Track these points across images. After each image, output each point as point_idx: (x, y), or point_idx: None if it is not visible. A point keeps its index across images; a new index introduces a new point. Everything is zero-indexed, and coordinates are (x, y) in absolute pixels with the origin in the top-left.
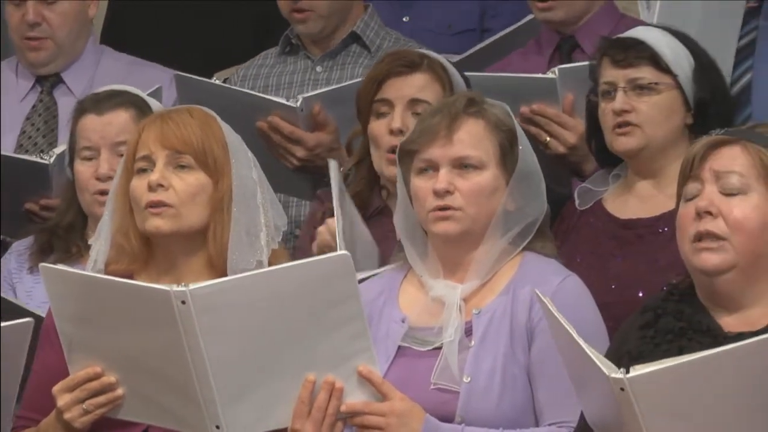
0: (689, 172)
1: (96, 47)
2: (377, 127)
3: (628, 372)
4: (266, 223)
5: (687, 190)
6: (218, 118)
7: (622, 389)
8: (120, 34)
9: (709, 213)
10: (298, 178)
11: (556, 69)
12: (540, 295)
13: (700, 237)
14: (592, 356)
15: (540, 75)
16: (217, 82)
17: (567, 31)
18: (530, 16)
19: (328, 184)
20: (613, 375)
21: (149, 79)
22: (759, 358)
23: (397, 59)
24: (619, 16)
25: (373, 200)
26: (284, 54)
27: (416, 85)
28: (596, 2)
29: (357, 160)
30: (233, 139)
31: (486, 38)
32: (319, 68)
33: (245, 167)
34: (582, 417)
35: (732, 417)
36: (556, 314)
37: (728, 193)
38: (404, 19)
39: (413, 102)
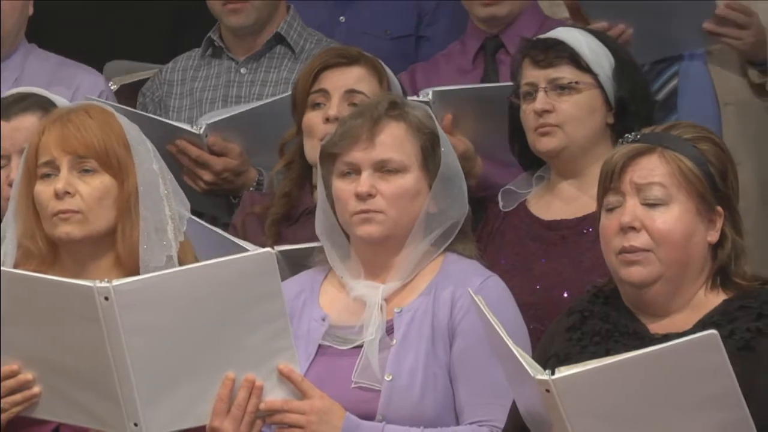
0: (609, 184)
1: (26, 46)
2: (313, 117)
3: (553, 374)
4: (171, 216)
5: (608, 201)
6: (116, 114)
7: (548, 390)
8: (42, 32)
9: (633, 228)
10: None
11: (429, 91)
12: (472, 294)
13: (625, 250)
14: (519, 357)
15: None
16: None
17: (493, 32)
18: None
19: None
20: (539, 377)
21: (75, 81)
22: (681, 359)
23: (336, 52)
24: (544, 17)
25: (303, 200)
26: (207, 56)
27: (354, 76)
28: (524, 3)
29: (288, 161)
30: (133, 133)
31: (422, 45)
32: (243, 70)
33: (146, 160)
34: (511, 415)
35: (657, 417)
36: (487, 314)
37: (650, 205)
38: (340, 19)
39: (350, 93)
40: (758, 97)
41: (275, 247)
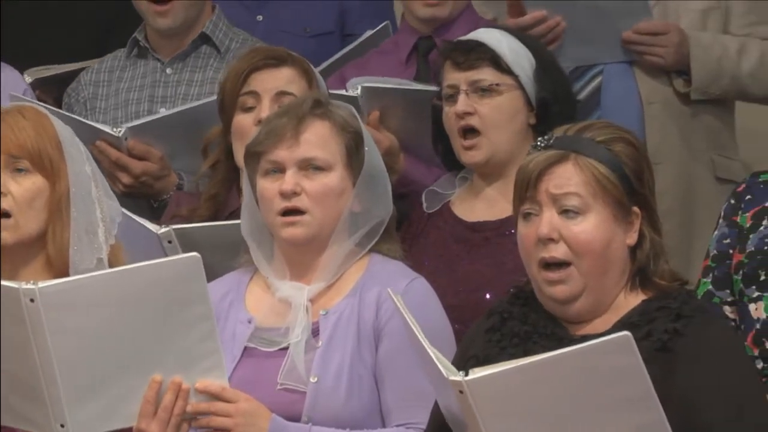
0: (525, 194)
1: None
2: (243, 119)
3: (467, 375)
4: (102, 218)
5: (524, 210)
6: (50, 115)
7: (461, 392)
8: None
9: (551, 239)
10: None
11: (358, 86)
12: (391, 293)
13: (546, 265)
14: (433, 358)
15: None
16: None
17: (427, 32)
18: (369, 32)
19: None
20: (452, 377)
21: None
22: (594, 360)
23: (264, 53)
24: (478, 18)
25: (229, 202)
26: (133, 57)
27: (283, 78)
28: (463, 4)
29: (214, 162)
30: (66, 135)
31: (348, 43)
32: (169, 70)
33: (79, 163)
34: (432, 415)
35: (571, 419)
36: (404, 314)
37: (567, 216)
38: (258, 18)
39: (280, 94)
40: (680, 99)
41: (170, 226)
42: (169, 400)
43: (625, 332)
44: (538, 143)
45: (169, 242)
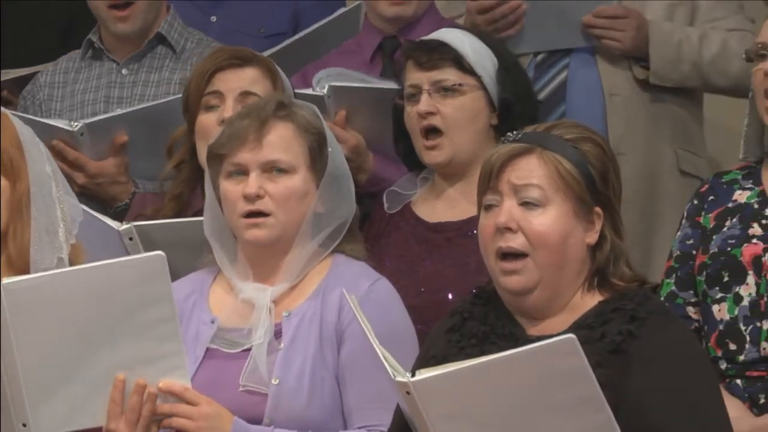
0: (488, 184)
1: None
2: (207, 119)
3: (413, 376)
4: (63, 218)
5: (486, 200)
6: (10, 115)
7: (408, 393)
8: None
9: (509, 229)
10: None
11: (326, 85)
12: (346, 293)
13: (503, 255)
14: (382, 358)
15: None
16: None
17: (392, 32)
18: (343, 9)
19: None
20: (398, 379)
21: None
22: (540, 363)
23: (229, 53)
24: (441, 19)
25: (193, 202)
26: (88, 58)
27: (247, 78)
28: (427, 3)
29: (178, 162)
30: (26, 135)
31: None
32: (125, 71)
33: (39, 162)
34: (394, 415)
35: (519, 420)
36: (357, 314)
37: (527, 207)
38: (212, 19)
39: (244, 94)
40: (643, 91)
41: (131, 222)
42: (136, 401)
43: (570, 334)
44: (507, 137)
45: (130, 239)
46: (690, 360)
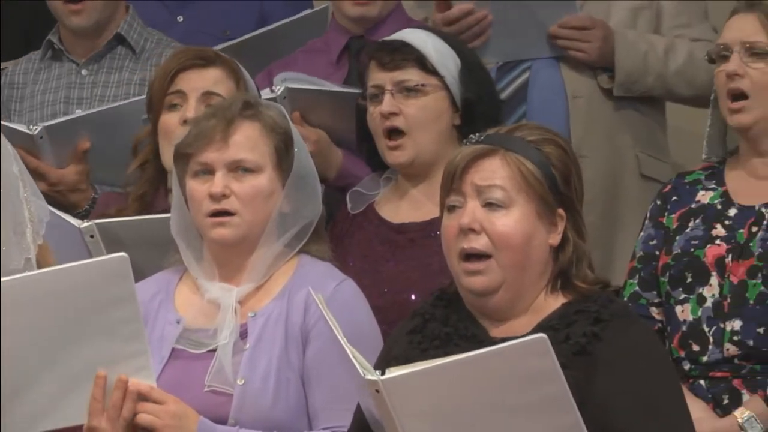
0: (451, 185)
1: None
2: (169, 118)
3: (383, 374)
4: (30, 218)
5: (449, 201)
6: None
7: (377, 391)
8: None
9: (473, 230)
10: None
11: (283, 86)
12: (312, 293)
13: (466, 256)
14: (351, 357)
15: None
16: None
17: (358, 32)
18: (309, 10)
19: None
20: (368, 377)
21: None
22: (510, 362)
23: (193, 53)
24: (408, 19)
25: (157, 202)
26: (47, 59)
27: (210, 78)
28: (392, 3)
29: (142, 162)
30: None
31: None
32: (84, 72)
33: (6, 163)
34: (355, 416)
35: (488, 420)
36: (325, 313)
37: (490, 208)
38: (179, 19)
39: (207, 95)
40: (606, 94)
41: (92, 220)
42: (118, 397)
43: (541, 334)
44: (470, 139)
45: (91, 237)
46: (653, 362)
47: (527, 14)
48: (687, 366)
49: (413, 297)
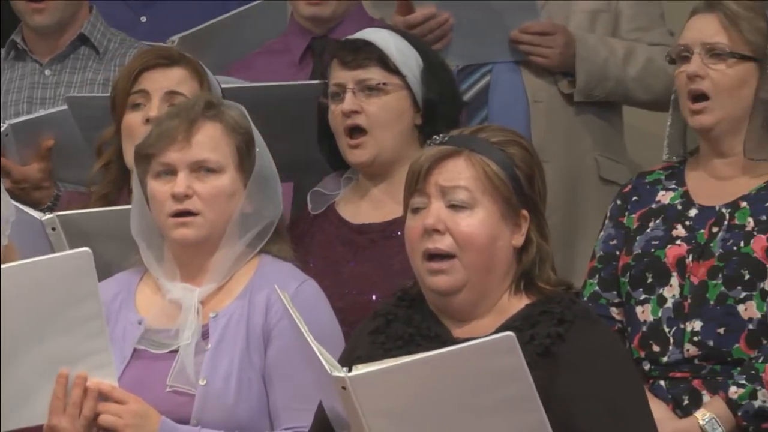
0: (415, 186)
1: None
2: (132, 118)
3: (350, 371)
4: None
5: (413, 202)
6: None
7: (344, 388)
8: None
9: (437, 230)
10: None
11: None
12: (278, 290)
13: (430, 256)
14: (318, 354)
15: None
16: None
17: (320, 32)
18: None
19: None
20: (335, 374)
21: None
22: (477, 360)
23: (156, 53)
24: (370, 19)
25: (120, 202)
26: (10, 59)
27: (174, 78)
28: (352, 3)
29: (106, 162)
30: None
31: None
32: (47, 72)
33: None
34: (316, 416)
35: (454, 418)
36: (291, 311)
37: (455, 208)
38: (142, 19)
39: (170, 94)
40: (566, 98)
41: (54, 213)
42: (77, 395)
43: (508, 333)
44: (434, 140)
45: (53, 229)
46: (616, 363)
47: (489, 18)
48: (647, 366)
49: (374, 298)
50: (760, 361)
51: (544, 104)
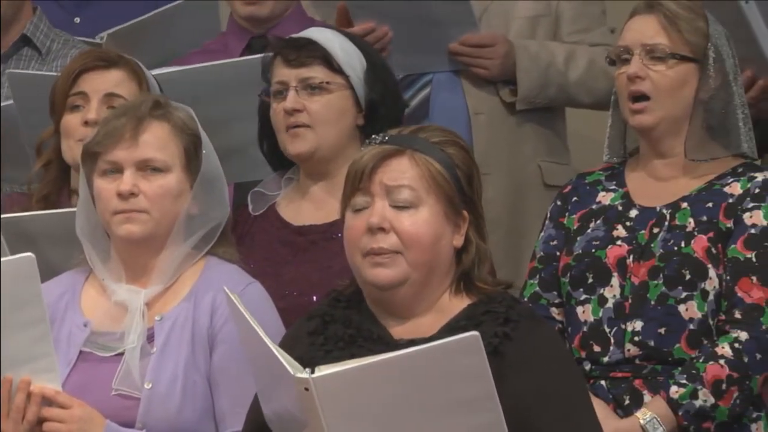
0: (358, 185)
1: None
2: (71, 119)
3: (313, 372)
4: None
5: (356, 202)
6: None
7: (306, 389)
8: None
9: (382, 229)
10: None
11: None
12: (228, 292)
13: (373, 252)
14: (278, 356)
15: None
16: None
17: (259, 31)
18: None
19: None
20: (298, 375)
21: None
22: (442, 360)
23: (95, 54)
24: (309, 19)
25: (61, 202)
26: None
27: (113, 80)
28: (290, 3)
29: (46, 161)
30: None
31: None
32: None
33: None
34: (248, 420)
35: (416, 419)
36: (244, 313)
37: (399, 207)
38: (76, 20)
39: (109, 96)
40: (507, 108)
41: None
42: (21, 399)
43: (474, 332)
44: (374, 139)
45: None
46: (562, 361)
47: (428, 29)
48: (588, 366)
49: (315, 299)
50: (701, 360)
51: (485, 116)
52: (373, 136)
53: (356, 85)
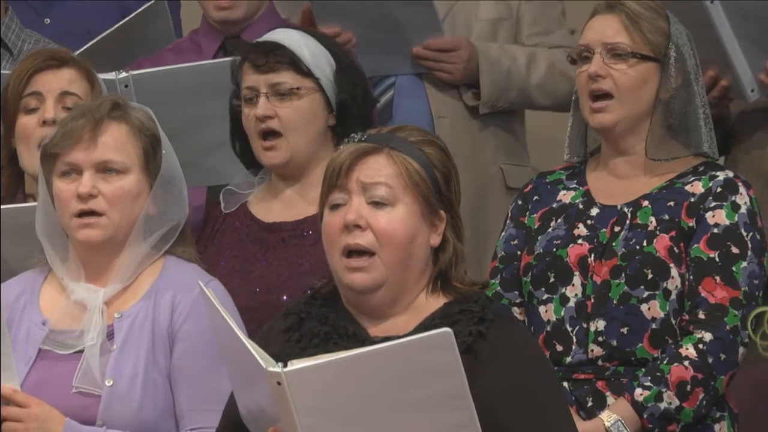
0: (335, 182)
1: None
2: (28, 121)
3: (286, 366)
4: None
5: (333, 199)
6: None
7: (279, 383)
8: None
9: (358, 226)
10: None
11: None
12: (202, 285)
13: (349, 252)
14: (251, 350)
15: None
16: None
17: (232, 32)
18: (146, 4)
19: None
20: (271, 369)
21: None
22: (415, 356)
23: (46, 54)
24: (282, 20)
25: None
26: None
27: (66, 78)
28: (263, 3)
29: None
30: None
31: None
32: None
33: None
34: (225, 416)
35: (387, 415)
36: (218, 307)
37: (376, 205)
38: (46, 21)
39: (64, 95)
40: (473, 117)
41: None
42: None
43: (446, 329)
44: (352, 138)
45: None
46: (536, 360)
47: (391, 31)
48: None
49: (284, 297)
50: (665, 362)
51: (447, 119)
52: (352, 134)
53: (326, 86)
